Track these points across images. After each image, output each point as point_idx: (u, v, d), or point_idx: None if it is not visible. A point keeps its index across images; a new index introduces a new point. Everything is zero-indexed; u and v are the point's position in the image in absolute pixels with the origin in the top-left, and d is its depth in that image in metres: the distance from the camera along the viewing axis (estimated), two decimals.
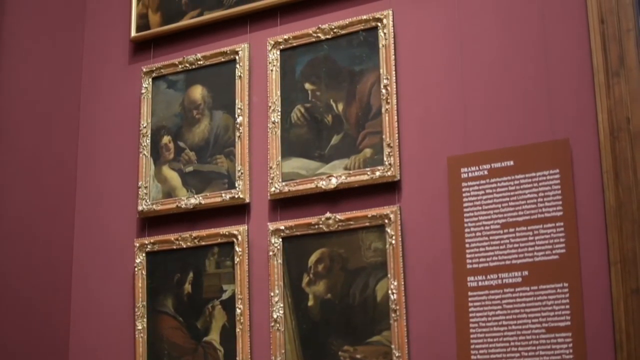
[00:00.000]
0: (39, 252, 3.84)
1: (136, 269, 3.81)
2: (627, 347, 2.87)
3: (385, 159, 3.35)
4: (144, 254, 3.81)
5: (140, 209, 3.86)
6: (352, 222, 3.38)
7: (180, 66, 3.91)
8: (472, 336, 3.10)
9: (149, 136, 3.92)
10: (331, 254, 3.41)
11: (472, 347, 3.10)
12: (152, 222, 3.86)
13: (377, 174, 3.36)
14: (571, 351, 2.94)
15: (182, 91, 3.90)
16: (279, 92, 3.64)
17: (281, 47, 3.67)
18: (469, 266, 3.15)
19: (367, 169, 3.39)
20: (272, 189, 3.56)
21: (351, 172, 3.42)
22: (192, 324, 3.66)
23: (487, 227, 3.14)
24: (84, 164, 4.12)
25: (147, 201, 3.85)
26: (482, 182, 3.18)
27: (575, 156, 3.07)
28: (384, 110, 3.40)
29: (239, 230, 3.60)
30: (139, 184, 3.88)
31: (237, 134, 3.69)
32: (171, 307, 3.72)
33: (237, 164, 3.66)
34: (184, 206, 3.75)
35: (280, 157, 3.57)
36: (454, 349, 3.15)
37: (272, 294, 3.48)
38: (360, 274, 3.34)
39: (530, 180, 3.10)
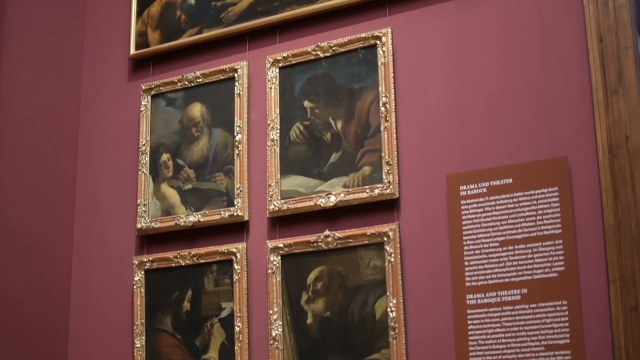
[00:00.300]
0: (38, 269, 3.84)
1: (135, 287, 3.80)
2: None
3: (384, 176, 3.35)
4: (142, 272, 3.80)
5: (139, 226, 3.85)
6: (351, 240, 3.38)
7: (179, 84, 3.91)
8: (471, 354, 3.09)
9: (148, 154, 3.92)
10: (330, 271, 3.40)
11: None
12: (150, 240, 3.86)
13: (376, 191, 3.36)
14: None
15: (181, 109, 3.90)
16: (278, 110, 3.64)
17: (280, 64, 3.68)
18: (468, 284, 3.14)
19: (366, 187, 3.39)
20: (271, 207, 3.56)
21: (350, 189, 3.42)
22: (191, 341, 3.65)
23: (486, 245, 3.14)
24: (83, 181, 4.12)
25: (146, 219, 3.84)
26: (481, 199, 3.18)
27: (574, 174, 3.07)
28: (382, 128, 3.40)
29: (238, 248, 3.60)
30: (138, 201, 3.88)
31: (236, 152, 3.69)
32: (170, 324, 3.71)
33: (236, 182, 3.66)
34: (182, 224, 3.75)
35: (279, 175, 3.57)
36: None
37: (271, 312, 3.47)
38: (359, 292, 3.34)
39: (529, 198, 3.10)
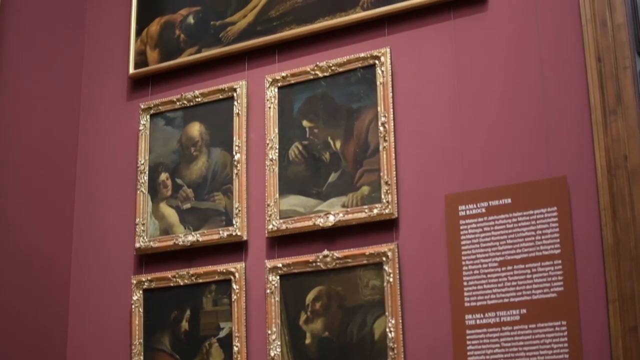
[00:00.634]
0: (37, 288, 3.83)
1: (133, 306, 3.79)
2: None
3: (383, 196, 3.35)
4: (141, 291, 3.79)
5: (137, 245, 3.85)
6: (349, 260, 3.37)
7: (178, 103, 3.92)
8: None
9: (147, 173, 3.92)
10: (329, 291, 3.40)
11: None
12: (149, 259, 3.85)
13: (375, 211, 3.36)
14: None
15: (180, 128, 3.90)
16: (276, 130, 3.64)
17: (279, 84, 3.68)
18: (466, 304, 3.14)
19: (364, 207, 3.38)
20: (270, 227, 3.55)
21: (349, 209, 3.41)
22: None
23: (485, 265, 3.13)
24: (82, 200, 4.11)
25: (145, 238, 3.84)
26: (479, 219, 3.18)
27: (572, 194, 3.07)
28: (381, 147, 3.40)
29: (237, 267, 3.59)
30: (137, 220, 3.88)
31: (235, 171, 3.69)
32: (168, 344, 3.70)
33: (234, 201, 3.66)
34: (181, 243, 3.74)
35: (277, 195, 3.57)
36: None
37: (270, 332, 3.46)
38: (358, 312, 3.33)
39: (528, 217, 3.10)
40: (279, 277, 3.49)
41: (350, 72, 3.54)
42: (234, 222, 3.64)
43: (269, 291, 3.49)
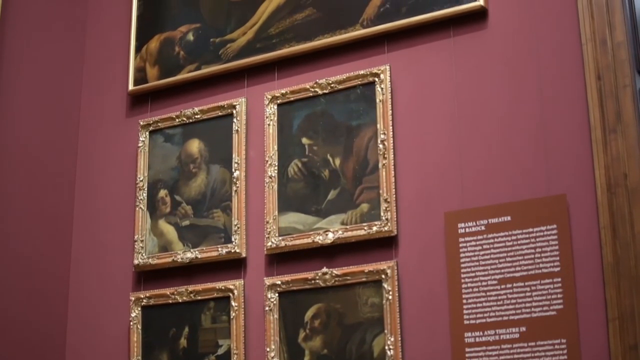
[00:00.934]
0: (34, 306, 3.82)
1: (131, 323, 3.78)
2: None
3: (382, 214, 3.35)
4: (139, 308, 3.78)
5: (136, 262, 3.84)
6: (348, 277, 3.36)
7: (177, 120, 3.92)
8: None
9: (146, 190, 3.91)
10: (328, 309, 3.39)
11: None
12: (148, 276, 3.84)
13: (374, 229, 3.35)
14: None
15: (179, 145, 3.90)
16: (276, 147, 3.64)
17: (278, 101, 3.68)
18: (466, 322, 3.13)
19: (364, 224, 3.38)
20: (269, 244, 3.55)
21: (348, 227, 3.41)
22: None
23: (484, 283, 3.13)
24: (80, 217, 4.11)
25: (143, 255, 3.83)
26: (479, 237, 3.17)
27: (572, 212, 3.06)
28: (381, 165, 3.40)
29: (235, 284, 3.58)
30: (135, 237, 3.87)
31: (234, 188, 3.69)
32: None
33: (233, 218, 3.66)
34: (180, 260, 3.73)
35: (277, 212, 3.57)
36: None
37: (268, 349, 3.45)
38: (357, 330, 3.32)
39: (527, 235, 3.09)
40: (277, 295, 3.49)
41: (349, 89, 3.54)
42: (233, 239, 3.63)
43: (267, 308, 3.49)
